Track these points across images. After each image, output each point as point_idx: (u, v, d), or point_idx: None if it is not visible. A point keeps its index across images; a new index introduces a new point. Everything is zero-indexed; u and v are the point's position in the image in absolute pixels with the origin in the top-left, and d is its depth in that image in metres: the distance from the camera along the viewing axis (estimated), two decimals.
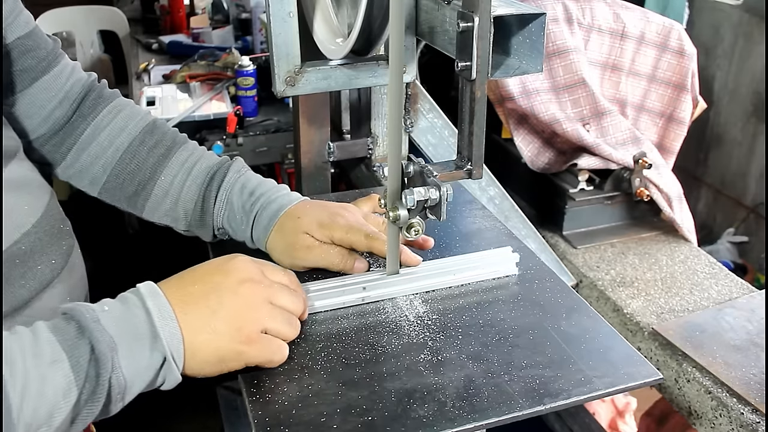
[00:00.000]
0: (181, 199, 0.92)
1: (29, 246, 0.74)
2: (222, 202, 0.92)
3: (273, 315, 0.72)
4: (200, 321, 0.68)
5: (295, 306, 0.76)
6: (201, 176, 0.92)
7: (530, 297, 0.88)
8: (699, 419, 1.13)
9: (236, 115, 1.96)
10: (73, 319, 0.63)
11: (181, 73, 2.26)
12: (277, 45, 0.87)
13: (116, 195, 0.94)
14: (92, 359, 0.60)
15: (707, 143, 3.00)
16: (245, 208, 0.91)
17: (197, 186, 0.92)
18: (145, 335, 0.65)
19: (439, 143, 1.40)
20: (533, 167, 1.62)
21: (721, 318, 1.25)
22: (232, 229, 0.93)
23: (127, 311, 0.65)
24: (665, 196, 1.54)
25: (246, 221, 0.91)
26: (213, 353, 0.69)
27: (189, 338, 0.67)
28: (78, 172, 0.94)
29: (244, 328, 0.70)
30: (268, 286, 0.74)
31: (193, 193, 0.92)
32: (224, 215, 0.92)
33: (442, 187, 0.76)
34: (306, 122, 1.27)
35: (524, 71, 0.74)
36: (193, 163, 0.93)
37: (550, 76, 1.55)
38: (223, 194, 0.92)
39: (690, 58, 1.59)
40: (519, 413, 0.69)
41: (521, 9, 0.71)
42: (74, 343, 0.61)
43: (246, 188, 0.92)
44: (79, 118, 0.92)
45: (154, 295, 0.67)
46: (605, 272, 1.44)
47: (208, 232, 0.94)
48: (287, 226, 0.88)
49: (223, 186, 0.92)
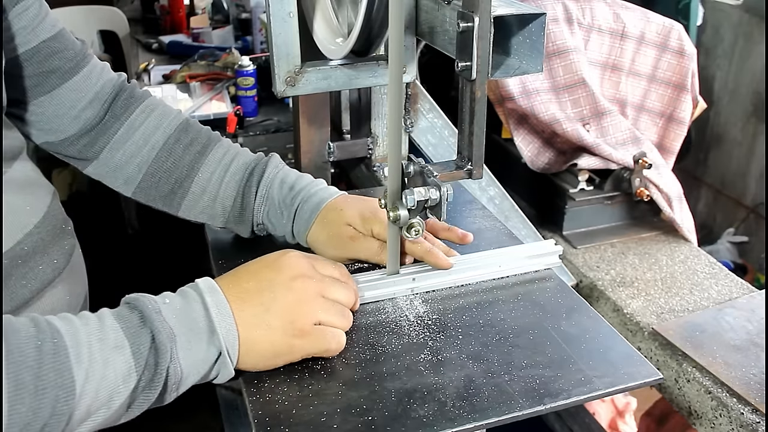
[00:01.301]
0: (220, 196, 0.93)
1: (31, 246, 0.74)
2: (262, 198, 0.93)
3: (326, 308, 0.74)
4: (255, 317, 0.70)
5: (347, 298, 0.78)
6: (239, 173, 0.93)
7: (530, 297, 0.88)
8: (699, 419, 1.13)
9: (236, 115, 1.96)
10: (137, 308, 0.65)
11: (181, 73, 2.26)
12: (277, 45, 0.87)
13: (151, 194, 0.94)
14: (152, 348, 0.63)
15: (707, 143, 3.00)
16: (286, 203, 0.92)
17: (236, 182, 0.93)
18: (203, 329, 0.67)
19: (439, 143, 1.40)
20: (533, 167, 1.62)
21: (721, 318, 1.25)
22: (272, 224, 0.94)
23: (187, 305, 0.68)
24: (665, 196, 1.54)
25: (287, 215, 0.92)
26: (268, 348, 0.71)
27: (244, 334, 0.69)
28: (112, 171, 0.94)
29: (297, 321, 0.71)
30: (320, 280, 0.75)
31: (231, 190, 0.93)
32: (264, 211, 0.93)
33: (442, 187, 0.76)
34: (306, 122, 1.27)
35: (524, 71, 0.74)
36: (230, 160, 0.94)
37: (550, 76, 1.55)
38: (263, 190, 0.93)
39: (690, 58, 1.59)
40: (519, 413, 0.69)
41: (521, 9, 0.71)
42: (137, 331, 0.63)
43: (285, 183, 0.93)
44: (112, 118, 0.93)
45: (212, 291, 0.70)
46: (605, 272, 1.44)
47: (247, 228, 0.95)
48: (330, 218, 0.90)
49: (263, 181, 0.93)
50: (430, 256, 0.89)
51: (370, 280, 0.87)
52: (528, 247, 0.96)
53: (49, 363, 0.57)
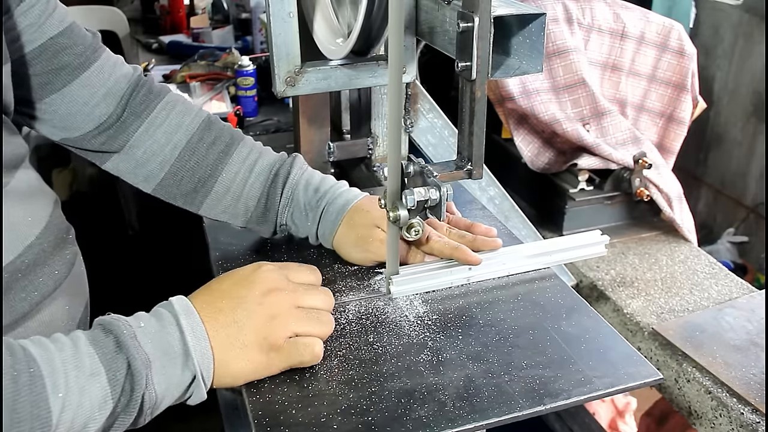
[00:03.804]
0: (244, 196, 0.93)
1: (32, 259, 0.72)
2: (287, 199, 0.93)
3: (299, 318, 0.73)
4: (229, 337, 0.70)
5: (323, 303, 0.77)
6: (264, 173, 0.93)
7: (530, 297, 0.88)
8: (699, 419, 1.13)
9: (236, 115, 1.96)
10: (112, 332, 0.64)
11: (181, 73, 2.26)
12: (277, 45, 0.87)
13: (172, 192, 0.93)
14: (128, 374, 0.62)
15: (707, 143, 3.00)
16: (311, 204, 0.92)
17: (260, 183, 0.93)
18: (178, 354, 0.67)
19: (439, 143, 1.40)
20: (533, 167, 1.62)
21: (721, 318, 1.25)
22: (296, 225, 0.94)
23: (162, 329, 0.67)
24: (665, 196, 1.54)
25: (312, 217, 0.92)
26: (244, 366, 0.70)
27: (219, 356, 0.69)
28: (132, 168, 0.93)
29: (270, 336, 0.71)
30: (293, 291, 0.75)
31: (256, 191, 0.93)
32: (289, 212, 0.93)
33: (442, 187, 0.76)
34: (306, 122, 1.27)
35: (524, 71, 0.74)
36: (255, 160, 0.94)
37: (550, 76, 1.55)
38: (288, 191, 0.93)
39: (690, 58, 1.59)
40: (519, 413, 0.69)
41: (521, 9, 0.71)
42: (112, 357, 0.62)
43: (311, 185, 0.93)
44: (132, 115, 0.90)
45: (187, 313, 0.69)
46: (605, 272, 1.44)
47: (270, 228, 0.95)
48: (357, 220, 0.90)
49: (288, 183, 0.93)
50: (459, 253, 0.89)
51: (428, 270, 0.89)
52: (577, 237, 0.99)
53: (25, 395, 0.56)
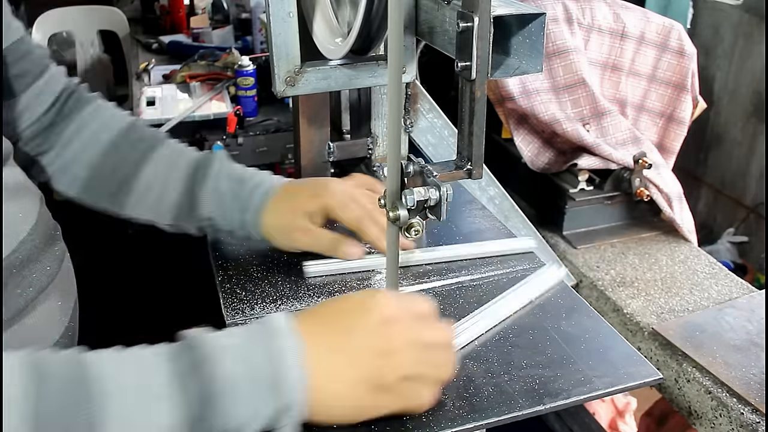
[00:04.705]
0: (167, 191, 0.92)
1: (26, 254, 0.72)
2: (211, 190, 0.91)
3: (419, 357, 0.64)
4: (334, 369, 0.61)
5: (446, 338, 0.68)
6: (186, 168, 0.92)
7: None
8: (699, 419, 1.13)
9: (236, 115, 1.96)
10: (193, 349, 0.58)
11: (181, 73, 2.26)
12: (277, 45, 0.87)
13: (97, 193, 0.93)
14: (202, 399, 0.55)
15: (707, 143, 3.00)
16: (236, 193, 0.91)
17: (183, 178, 0.92)
18: (267, 379, 0.58)
19: (439, 143, 1.40)
20: (533, 167, 1.62)
21: (721, 318, 1.25)
22: (223, 217, 0.92)
23: (252, 348, 0.59)
24: (665, 196, 1.54)
25: (238, 207, 0.91)
26: (348, 404, 0.62)
27: (318, 388, 0.60)
28: (59, 170, 0.93)
29: (382, 374, 0.62)
30: (414, 323, 0.65)
31: (179, 185, 0.92)
32: (214, 204, 0.92)
33: (442, 187, 0.76)
34: (306, 122, 1.26)
35: (524, 71, 0.74)
36: (177, 157, 0.93)
37: (550, 76, 1.55)
38: (211, 182, 0.91)
39: (690, 58, 1.59)
40: (519, 413, 0.69)
41: (521, 9, 0.71)
42: (187, 378, 0.56)
43: (233, 175, 0.92)
44: (61, 118, 0.92)
45: (287, 333, 0.61)
46: (605, 272, 1.44)
47: (195, 223, 0.93)
48: (280, 207, 0.89)
49: (210, 174, 0.92)
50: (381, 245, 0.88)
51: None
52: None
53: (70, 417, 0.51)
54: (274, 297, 0.88)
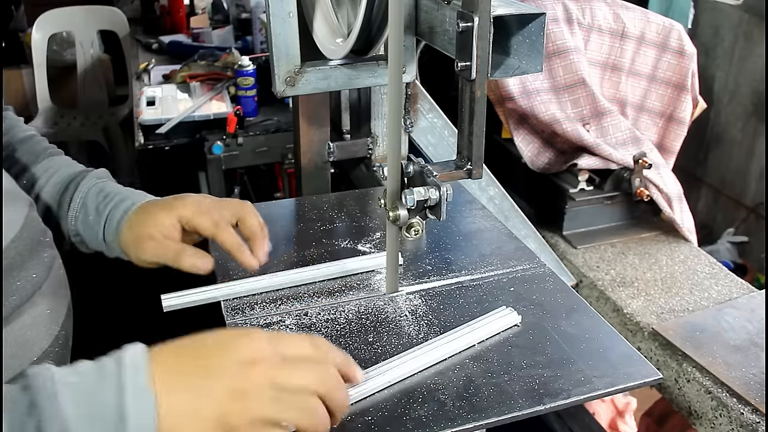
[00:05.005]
0: (39, 205, 0.90)
1: (8, 262, 0.70)
2: (77, 205, 0.90)
3: (272, 401, 0.59)
4: (184, 406, 0.57)
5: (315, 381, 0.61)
6: (61, 183, 0.91)
7: (530, 297, 0.88)
8: (699, 419, 1.13)
9: (236, 115, 1.96)
10: (29, 390, 0.55)
11: (181, 73, 2.26)
12: (277, 45, 0.87)
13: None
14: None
15: (707, 143, 3.00)
16: (98, 209, 0.89)
17: (55, 191, 0.90)
18: (111, 418, 0.55)
19: (439, 143, 1.40)
20: (533, 167, 1.62)
21: (721, 318, 1.25)
22: (87, 234, 0.91)
23: (98, 386, 0.56)
24: (665, 196, 1.54)
25: (98, 222, 0.89)
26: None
27: (166, 425, 0.56)
28: None
29: (232, 416, 0.58)
30: (274, 367, 0.60)
31: (50, 198, 0.90)
32: (79, 219, 0.90)
33: (441, 187, 0.76)
34: (306, 122, 1.27)
35: (524, 71, 0.74)
36: (56, 171, 0.92)
37: (550, 76, 1.55)
38: (78, 197, 0.90)
39: (690, 58, 1.59)
40: (519, 413, 0.69)
41: (521, 9, 0.71)
42: (20, 422, 0.52)
43: (102, 191, 0.90)
44: None
45: (136, 368, 0.57)
46: (605, 272, 1.44)
47: (68, 238, 0.92)
48: (136, 220, 0.87)
49: (79, 189, 0.90)
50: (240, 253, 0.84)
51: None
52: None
53: None
54: (273, 297, 0.89)
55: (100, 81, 3.33)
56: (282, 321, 0.83)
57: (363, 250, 0.98)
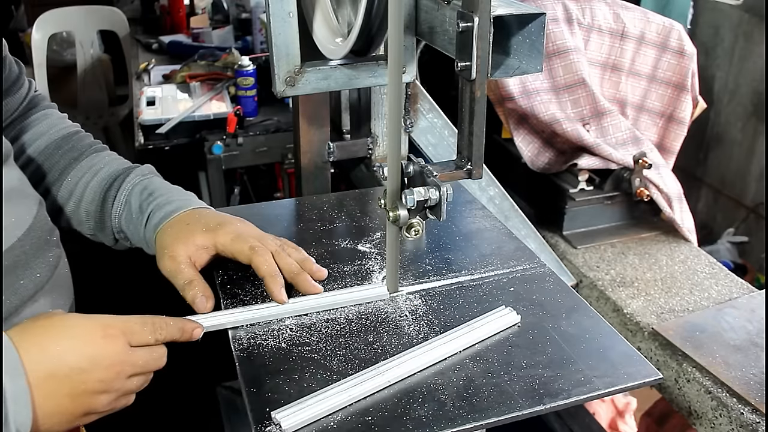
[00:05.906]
0: (84, 199, 0.91)
1: (12, 261, 0.70)
2: (121, 203, 0.90)
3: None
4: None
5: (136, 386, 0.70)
6: (106, 179, 0.91)
7: (530, 297, 0.88)
8: (699, 419, 1.13)
9: (236, 115, 1.96)
10: None
11: (181, 73, 2.26)
12: (277, 45, 0.87)
13: None
14: None
15: (707, 143, 3.00)
16: (141, 207, 0.89)
17: (99, 187, 0.91)
18: None
19: (439, 143, 1.40)
20: (533, 167, 1.62)
21: (721, 318, 1.25)
22: (130, 231, 0.91)
23: None
24: (665, 196, 1.54)
25: (140, 220, 0.89)
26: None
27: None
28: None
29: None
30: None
31: (95, 194, 0.91)
32: (122, 216, 0.90)
33: (442, 187, 0.76)
34: (306, 122, 1.27)
35: (524, 71, 0.74)
36: (101, 167, 0.92)
37: (550, 76, 1.55)
38: (122, 195, 0.90)
39: (690, 58, 1.59)
40: (519, 413, 0.69)
41: (521, 9, 0.71)
42: None
43: (147, 189, 0.91)
44: (12, 122, 0.92)
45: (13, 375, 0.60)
46: (605, 272, 1.44)
47: (108, 235, 0.92)
48: (173, 230, 0.86)
49: (124, 186, 0.91)
50: (271, 281, 0.83)
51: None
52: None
53: None
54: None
55: (100, 81, 3.34)
56: (282, 321, 0.83)
57: (363, 250, 0.98)
